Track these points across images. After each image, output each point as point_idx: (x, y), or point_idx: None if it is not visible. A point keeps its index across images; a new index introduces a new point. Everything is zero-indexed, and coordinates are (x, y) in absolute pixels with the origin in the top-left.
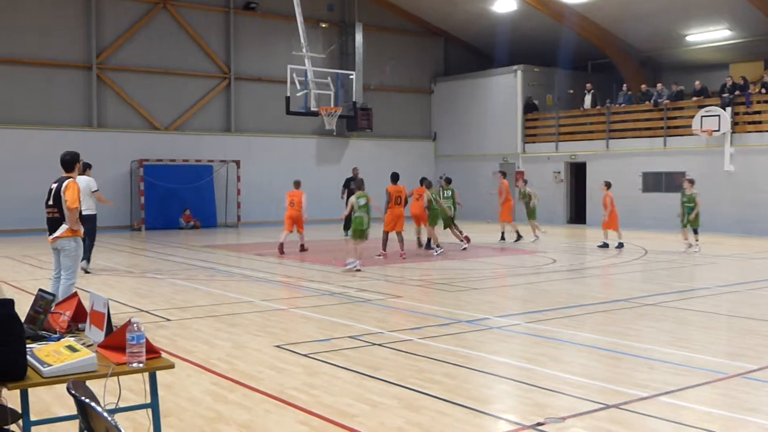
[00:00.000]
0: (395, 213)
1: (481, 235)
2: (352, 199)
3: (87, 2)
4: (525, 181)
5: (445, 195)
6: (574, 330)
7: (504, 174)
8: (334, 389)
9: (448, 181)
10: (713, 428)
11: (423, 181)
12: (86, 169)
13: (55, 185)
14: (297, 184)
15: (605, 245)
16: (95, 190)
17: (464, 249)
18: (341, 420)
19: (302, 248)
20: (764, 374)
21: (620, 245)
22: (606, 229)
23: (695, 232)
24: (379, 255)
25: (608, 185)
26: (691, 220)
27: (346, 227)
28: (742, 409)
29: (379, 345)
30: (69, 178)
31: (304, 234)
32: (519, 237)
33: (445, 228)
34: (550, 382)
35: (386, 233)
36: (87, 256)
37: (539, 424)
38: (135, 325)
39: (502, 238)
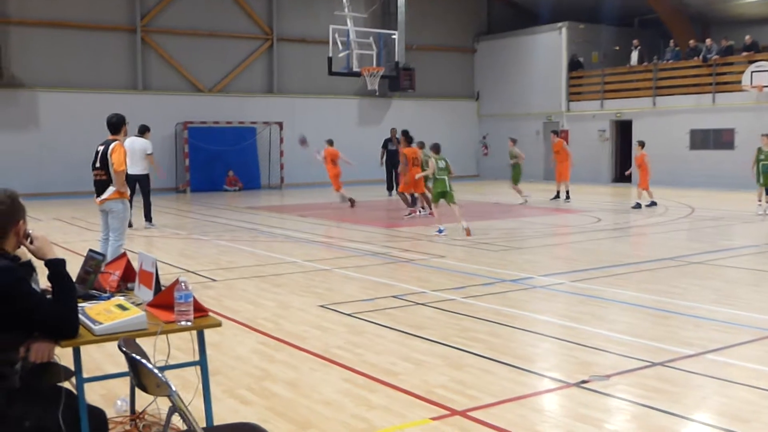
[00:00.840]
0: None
1: (525, 195)
2: (432, 161)
3: None
4: (513, 141)
5: (439, 166)
6: (618, 288)
7: (557, 133)
8: (377, 348)
9: (436, 148)
10: (761, 385)
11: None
12: (145, 131)
13: (101, 147)
14: (330, 142)
15: (638, 206)
16: (150, 153)
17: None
18: (385, 378)
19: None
20: None
21: (653, 203)
22: (641, 188)
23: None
24: (417, 214)
25: (642, 144)
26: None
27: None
28: None
29: (423, 304)
30: (115, 140)
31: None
32: (568, 197)
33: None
34: (595, 340)
35: (409, 194)
36: (149, 216)
37: (584, 381)
38: (183, 284)
39: (557, 196)
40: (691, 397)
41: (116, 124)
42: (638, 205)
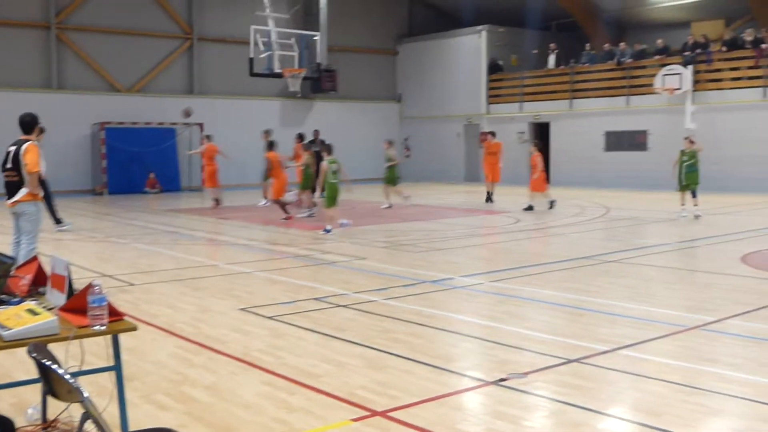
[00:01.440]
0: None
1: (446, 197)
2: (324, 164)
3: None
4: (390, 143)
5: (332, 169)
6: (536, 288)
7: (494, 134)
8: (298, 350)
9: (329, 150)
10: (673, 379)
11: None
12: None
13: (13, 148)
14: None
15: (531, 208)
16: None
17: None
18: (306, 380)
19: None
20: (722, 326)
21: (552, 204)
22: (533, 191)
23: (694, 194)
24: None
25: (537, 146)
26: (691, 181)
27: (306, 187)
28: (701, 359)
29: (344, 306)
30: (28, 140)
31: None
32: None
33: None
34: (513, 339)
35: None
36: (56, 217)
37: (502, 380)
38: (96, 287)
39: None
40: (606, 393)
41: (29, 123)
42: (530, 207)
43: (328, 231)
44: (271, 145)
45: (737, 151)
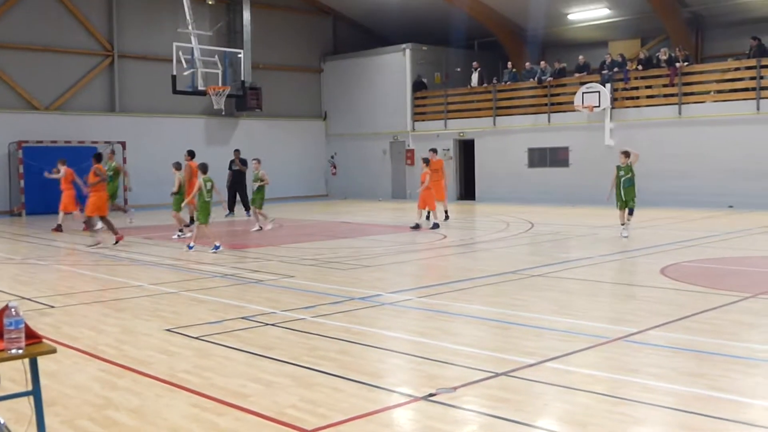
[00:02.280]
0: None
1: (373, 214)
2: (199, 181)
3: None
4: (258, 161)
5: (206, 188)
6: (464, 303)
7: (435, 151)
8: (226, 371)
9: (204, 168)
10: (598, 389)
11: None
12: None
13: None
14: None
15: (418, 226)
16: None
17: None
18: (234, 401)
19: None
20: (644, 337)
21: (446, 217)
22: (422, 208)
23: (631, 212)
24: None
25: (426, 162)
26: (630, 197)
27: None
28: (625, 370)
29: (272, 325)
30: None
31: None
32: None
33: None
34: (442, 353)
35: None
36: None
37: (431, 395)
38: (13, 309)
39: (447, 217)
40: (533, 405)
41: None
42: (418, 226)
43: (217, 248)
44: (192, 157)
45: (654, 166)
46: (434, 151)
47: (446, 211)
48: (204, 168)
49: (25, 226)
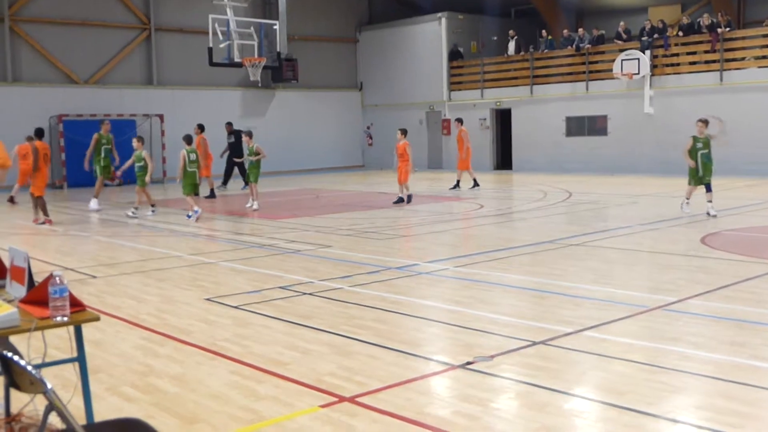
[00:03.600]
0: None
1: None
2: (183, 153)
3: None
4: (250, 135)
5: (190, 158)
6: (501, 272)
7: (461, 121)
8: (265, 339)
9: (188, 140)
10: (635, 358)
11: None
12: None
13: None
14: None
15: (458, 185)
16: None
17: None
18: (273, 368)
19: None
20: (683, 305)
21: (475, 184)
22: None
23: (709, 188)
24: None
25: (461, 121)
26: (708, 172)
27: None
28: (663, 339)
29: (310, 294)
30: None
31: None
32: (476, 184)
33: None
34: (479, 323)
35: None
36: None
37: (468, 363)
38: (57, 278)
39: (457, 185)
40: (570, 373)
41: None
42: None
43: (195, 213)
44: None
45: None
46: (460, 120)
47: (475, 179)
48: (188, 139)
49: (67, 198)
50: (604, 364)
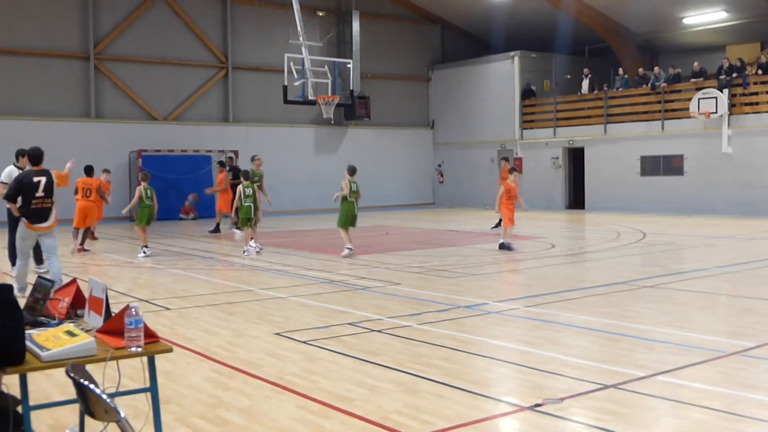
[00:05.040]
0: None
1: (480, 223)
2: (239, 188)
3: None
4: (146, 176)
5: (246, 193)
6: (573, 313)
7: (507, 159)
8: (332, 375)
9: (245, 175)
10: (713, 405)
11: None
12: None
13: (42, 178)
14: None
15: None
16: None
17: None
18: (340, 404)
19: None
20: (762, 351)
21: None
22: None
23: None
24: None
25: (507, 160)
26: None
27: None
28: (741, 385)
29: (378, 331)
30: (47, 171)
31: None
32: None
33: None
34: (549, 364)
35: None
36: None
37: (537, 405)
38: (133, 309)
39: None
40: (644, 419)
41: (41, 156)
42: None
43: (253, 248)
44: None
45: None
46: (506, 159)
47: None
48: (245, 175)
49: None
50: (678, 411)
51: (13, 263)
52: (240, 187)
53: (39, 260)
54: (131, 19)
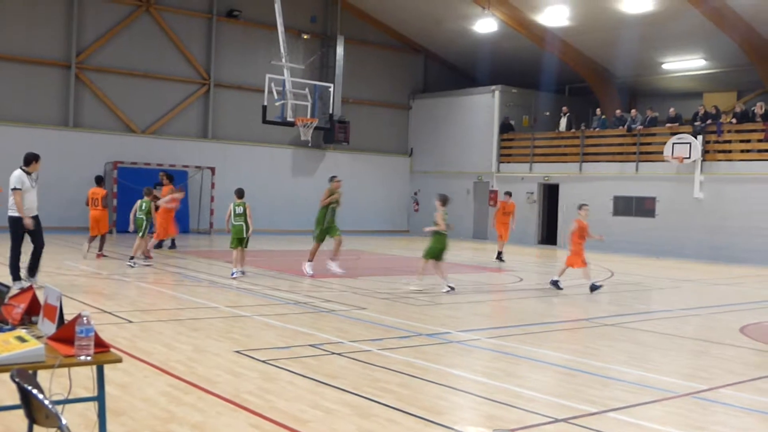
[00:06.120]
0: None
1: (453, 253)
2: (230, 206)
3: (69, 1)
4: (148, 191)
5: (237, 212)
6: (533, 347)
7: (510, 195)
8: (288, 395)
9: (239, 193)
10: None
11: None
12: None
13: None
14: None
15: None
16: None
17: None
18: (293, 425)
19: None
20: (714, 394)
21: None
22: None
23: None
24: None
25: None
26: None
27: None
28: (690, 427)
29: (339, 354)
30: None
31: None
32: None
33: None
34: (503, 395)
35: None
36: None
37: None
38: (84, 318)
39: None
40: None
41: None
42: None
43: (236, 273)
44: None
45: (744, 223)
46: (509, 194)
47: (500, 252)
48: (239, 193)
49: (115, 243)
50: None
51: (14, 278)
52: (231, 206)
53: (32, 272)
54: (115, 30)
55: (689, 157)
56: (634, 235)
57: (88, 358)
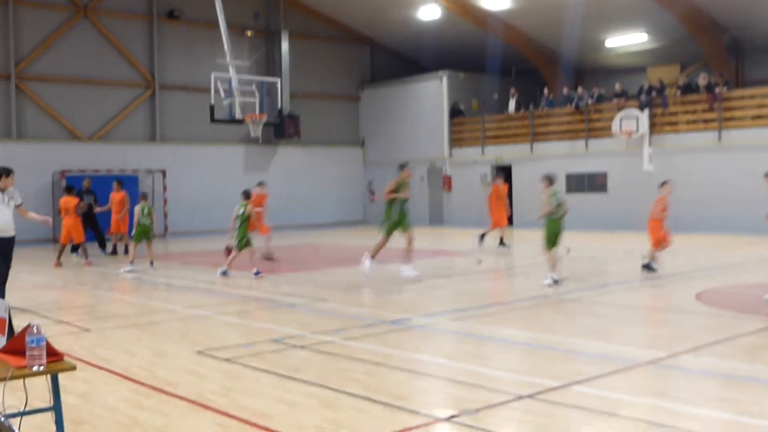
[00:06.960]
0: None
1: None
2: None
3: (4, 10)
4: (144, 195)
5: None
6: (494, 326)
7: (503, 178)
8: (253, 392)
9: (143, 196)
10: (622, 413)
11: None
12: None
13: None
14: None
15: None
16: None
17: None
18: (259, 421)
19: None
20: (675, 361)
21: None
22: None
23: None
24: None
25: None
26: None
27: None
28: (652, 394)
29: (301, 347)
30: None
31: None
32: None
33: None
34: (467, 376)
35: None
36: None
37: (453, 416)
38: (35, 327)
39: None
40: (555, 428)
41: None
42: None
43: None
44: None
45: (694, 192)
46: (501, 177)
47: (502, 238)
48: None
49: (67, 252)
50: (590, 419)
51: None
52: (235, 209)
53: None
54: (54, 37)
55: (637, 131)
56: (587, 210)
57: (41, 367)
